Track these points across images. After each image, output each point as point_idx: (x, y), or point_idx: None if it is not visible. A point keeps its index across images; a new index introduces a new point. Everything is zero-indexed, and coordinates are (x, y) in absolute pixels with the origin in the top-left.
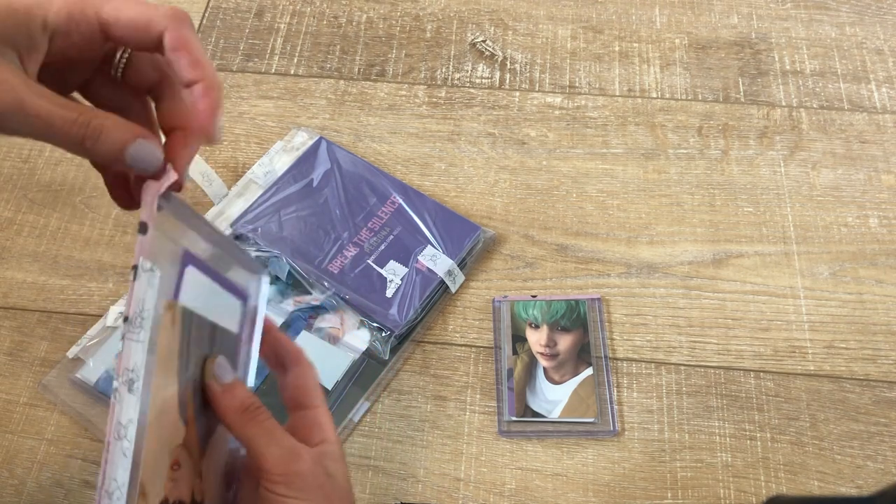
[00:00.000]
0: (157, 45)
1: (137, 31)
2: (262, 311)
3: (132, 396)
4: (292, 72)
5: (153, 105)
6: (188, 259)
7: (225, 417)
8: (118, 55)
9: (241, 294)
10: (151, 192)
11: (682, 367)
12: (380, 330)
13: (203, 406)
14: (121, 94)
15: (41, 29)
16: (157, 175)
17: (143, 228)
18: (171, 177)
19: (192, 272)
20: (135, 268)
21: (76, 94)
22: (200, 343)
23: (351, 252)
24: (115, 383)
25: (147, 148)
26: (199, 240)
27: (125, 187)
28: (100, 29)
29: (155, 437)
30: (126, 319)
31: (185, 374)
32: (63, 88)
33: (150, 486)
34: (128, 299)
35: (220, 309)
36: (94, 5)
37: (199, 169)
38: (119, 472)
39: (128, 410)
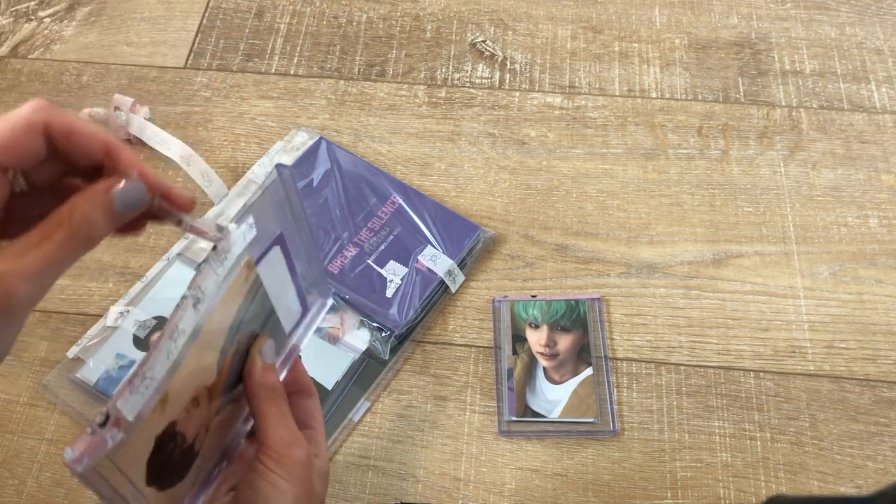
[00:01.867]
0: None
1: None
2: (311, 332)
3: (195, 312)
4: (292, 72)
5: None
6: (279, 240)
7: (252, 388)
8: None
9: (304, 303)
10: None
11: (682, 367)
12: (380, 330)
13: (237, 375)
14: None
15: None
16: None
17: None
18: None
19: (276, 253)
20: (239, 218)
21: None
22: (256, 317)
23: (351, 252)
24: (186, 292)
25: (130, 189)
26: (296, 235)
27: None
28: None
29: (192, 363)
30: (214, 248)
31: (235, 331)
32: None
33: (172, 400)
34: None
35: (284, 302)
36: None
37: (199, 169)
38: (157, 367)
39: (187, 321)
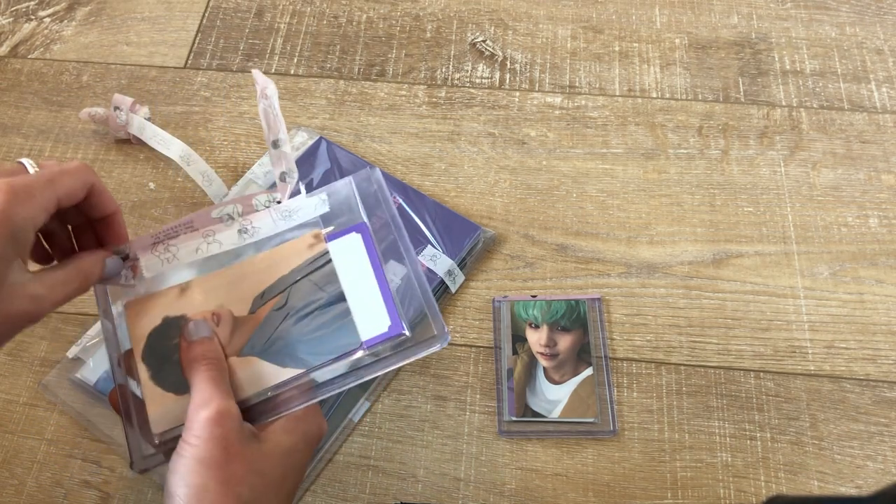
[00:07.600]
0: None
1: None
2: (409, 359)
3: (238, 237)
4: (292, 72)
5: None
6: (362, 229)
7: (181, 360)
8: None
9: (397, 322)
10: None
11: (682, 367)
12: None
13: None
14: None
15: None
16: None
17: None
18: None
19: (355, 239)
20: (310, 182)
21: None
22: (317, 289)
23: None
24: (240, 221)
25: (113, 262)
26: (390, 241)
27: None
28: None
29: (224, 280)
30: (279, 202)
31: (285, 284)
32: None
33: (191, 294)
34: (297, 181)
35: (361, 297)
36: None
37: (199, 169)
38: (182, 253)
39: (227, 238)
